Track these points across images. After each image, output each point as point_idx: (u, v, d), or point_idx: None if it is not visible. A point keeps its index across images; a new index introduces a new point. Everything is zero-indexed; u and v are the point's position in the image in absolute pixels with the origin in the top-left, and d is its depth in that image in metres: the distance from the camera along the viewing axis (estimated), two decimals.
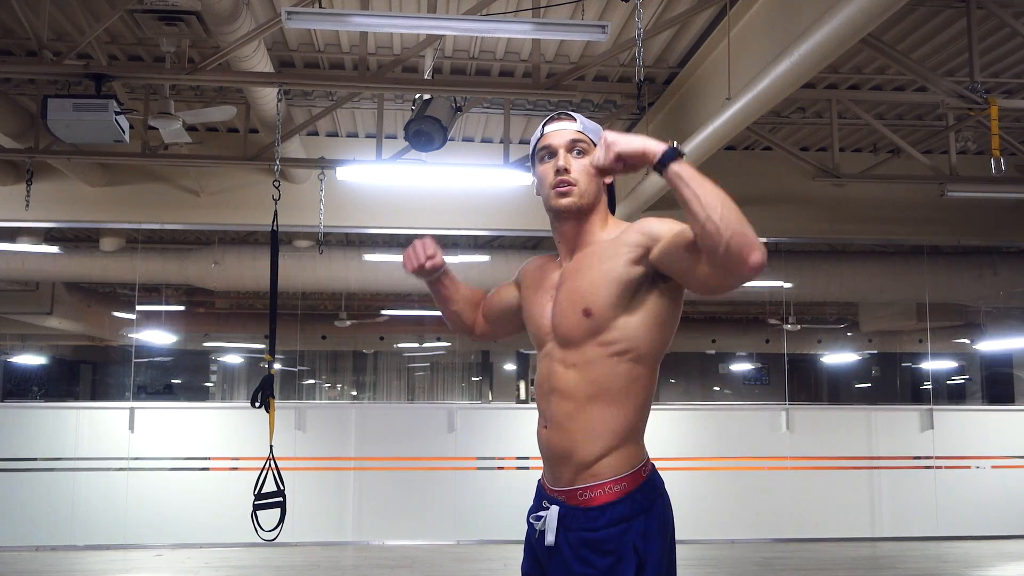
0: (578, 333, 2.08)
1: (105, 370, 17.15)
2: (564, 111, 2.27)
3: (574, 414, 2.07)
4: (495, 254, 10.92)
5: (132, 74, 5.85)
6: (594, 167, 1.99)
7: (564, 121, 2.22)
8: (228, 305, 15.26)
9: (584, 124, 2.21)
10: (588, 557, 2.01)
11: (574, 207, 2.15)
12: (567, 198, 2.15)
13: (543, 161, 2.21)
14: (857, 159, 8.53)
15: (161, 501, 8.18)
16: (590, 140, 2.19)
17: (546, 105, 7.68)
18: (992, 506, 8.75)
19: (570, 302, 2.10)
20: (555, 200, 2.16)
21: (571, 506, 2.07)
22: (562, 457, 2.09)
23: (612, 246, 2.10)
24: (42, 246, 10.31)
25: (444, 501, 8.45)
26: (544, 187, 2.20)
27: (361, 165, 6.99)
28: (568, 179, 2.15)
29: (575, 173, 2.15)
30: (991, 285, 10.87)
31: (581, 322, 2.06)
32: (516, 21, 5.04)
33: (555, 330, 2.15)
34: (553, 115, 2.24)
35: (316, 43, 6.66)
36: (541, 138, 2.22)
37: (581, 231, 2.19)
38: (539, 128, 2.24)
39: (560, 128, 2.21)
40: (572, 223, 2.19)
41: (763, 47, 5.29)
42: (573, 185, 2.15)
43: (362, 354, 17.61)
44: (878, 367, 16.61)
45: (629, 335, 2.05)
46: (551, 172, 2.17)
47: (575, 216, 2.17)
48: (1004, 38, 6.35)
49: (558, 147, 2.17)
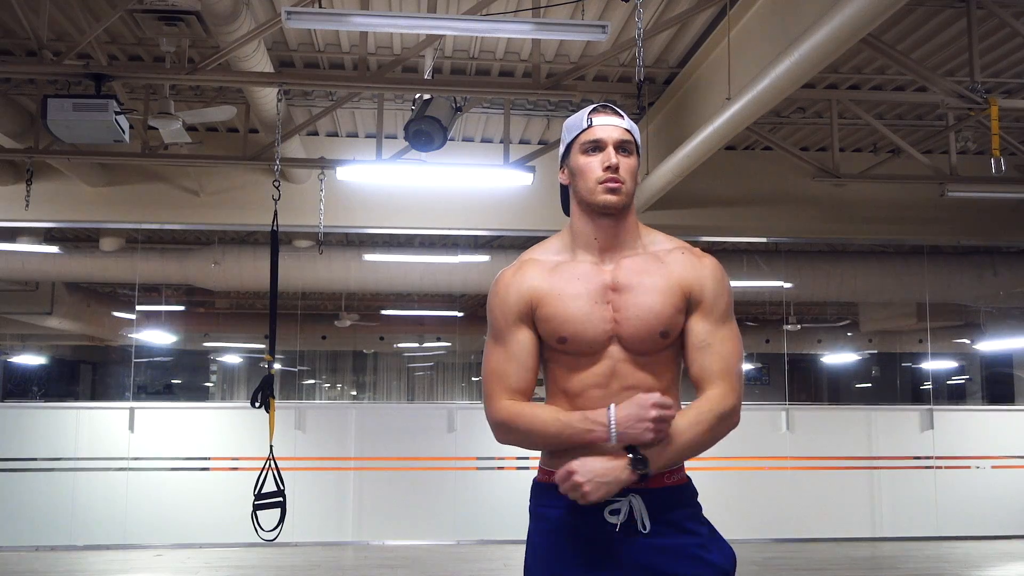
0: (654, 348, 2.13)
1: (105, 370, 17.14)
2: (608, 104, 2.24)
3: None
4: (495, 254, 10.92)
5: (132, 74, 5.86)
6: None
7: (613, 116, 2.18)
8: (228, 305, 15.25)
9: (630, 123, 2.19)
10: (690, 526, 2.11)
11: (621, 205, 2.13)
12: (616, 196, 2.12)
13: (587, 153, 2.16)
14: (857, 159, 8.52)
15: (161, 501, 8.19)
16: (635, 141, 2.19)
17: (546, 105, 7.68)
18: (992, 506, 8.75)
19: (642, 321, 2.12)
20: (603, 196, 2.12)
21: (652, 489, 2.07)
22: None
23: (667, 271, 2.17)
24: (42, 246, 10.31)
25: (444, 501, 8.45)
26: (587, 180, 2.14)
27: (361, 165, 6.99)
28: (620, 177, 2.13)
29: (623, 172, 2.14)
30: (991, 285, 10.87)
31: (658, 341, 2.13)
32: (517, 21, 5.04)
33: (623, 338, 2.13)
34: (597, 106, 2.20)
35: (316, 43, 6.65)
36: (588, 129, 2.16)
37: (619, 230, 2.18)
38: (583, 117, 2.18)
39: (611, 123, 2.17)
40: (611, 221, 2.16)
41: (763, 47, 5.28)
42: (622, 183, 2.13)
43: (362, 354, 17.60)
44: (878, 367, 16.60)
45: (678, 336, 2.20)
46: (599, 167, 2.13)
47: (618, 215, 2.16)
48: (1004, 38, 6.35)
49: (609, 143, 2.14)
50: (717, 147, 6.27)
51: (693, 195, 7.98)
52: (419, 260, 10.90)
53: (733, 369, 2.13)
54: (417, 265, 10.88)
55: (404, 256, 10.89)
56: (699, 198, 8.12)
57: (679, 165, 6.69)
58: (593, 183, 2.13)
